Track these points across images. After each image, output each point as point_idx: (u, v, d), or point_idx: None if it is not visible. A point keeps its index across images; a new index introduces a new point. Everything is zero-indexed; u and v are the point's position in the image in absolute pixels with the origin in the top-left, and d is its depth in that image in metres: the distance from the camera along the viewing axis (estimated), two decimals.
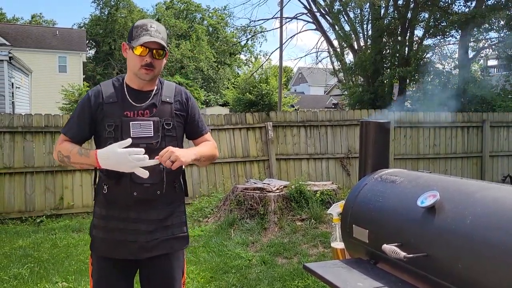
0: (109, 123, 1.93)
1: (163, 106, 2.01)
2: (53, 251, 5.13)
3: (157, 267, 2.02)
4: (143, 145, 1.88)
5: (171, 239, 2.02)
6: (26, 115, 6.93)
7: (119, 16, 39.42)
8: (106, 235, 1.97)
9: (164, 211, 2.00)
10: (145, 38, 1.89)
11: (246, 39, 33.64)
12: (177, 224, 2.05)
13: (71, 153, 1.93)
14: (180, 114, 2.06)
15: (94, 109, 1.96)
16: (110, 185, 1.95)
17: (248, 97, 21.08)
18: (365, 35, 15.88)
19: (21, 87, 17.82)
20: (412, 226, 1.51)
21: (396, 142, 8.71)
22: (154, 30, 1.92)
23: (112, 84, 2.02)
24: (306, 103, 32.25)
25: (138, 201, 1.93)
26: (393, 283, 1.53)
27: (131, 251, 1.95)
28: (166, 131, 1.98)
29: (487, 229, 1.26)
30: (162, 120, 1.98)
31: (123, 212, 1.95)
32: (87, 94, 2.01)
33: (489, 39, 14.71)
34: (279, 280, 4.14)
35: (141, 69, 1.93)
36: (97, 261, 2.02)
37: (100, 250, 1.99)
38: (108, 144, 1.87)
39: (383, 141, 2.09)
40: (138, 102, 1.98)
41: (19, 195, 6.73)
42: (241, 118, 8.22)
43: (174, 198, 2.05)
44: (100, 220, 2.00)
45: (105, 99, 1.96)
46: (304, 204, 5.90)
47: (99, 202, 2.01)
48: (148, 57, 1.91)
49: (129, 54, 1.96)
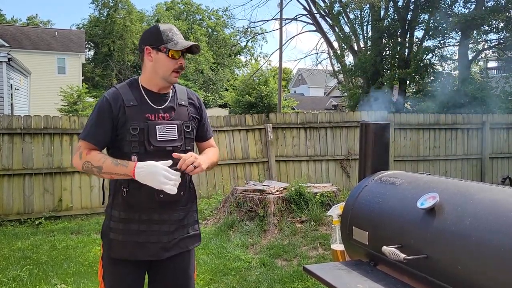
0: (133, 126, 1.92)
1: (180, 109, 2.04)
2: (52, 253, 5.12)
3: (173, 266, 2.05)
4: (169, 148, 1.94)
5: (186, 238, 2.07)
6: (25, 117, 6.92)
7: (118, 17, 39.42)
8: (126, 238, 1.96)
9: (183, 211, 2.05)
10: (184, 42, 1.94)
11: (246, 40, 33.68)
12: (191, 223, 2.10)
13: (104, 164, 1.89)
14: (195, 117, 2.11)
15: (116, 112, 1.94)
16: (131, 188, 1.93)
17: (247, 99, 21.12)
18: (365, 36, 15.91)
19: (20, 88, 17.81)
20: (412, 228, 1.50)
21: (396, 144, 8.71)
22: (179, 35, 1.99)
23: (128, 87, 2.02)
24: (306, 104, 32.26)
25: (162, 203, 1.95)
26: (393, 285, 1.53)
27: (152, 252, 1.97)
28: (186, 133, 2.02)
29: (486, 231, 1.25)
30: (182, 123, 2.02)
31: (144, 214, 1.96)
32: (104, 97, 1.97)
33: (489, 41, 14.75)
34: (279, 282, 4.13)
35: (173, 72, 1.97)
36: (112, 264, 2.00)
37: (120, 253, 1.97)
38: (132, 148, 1.91)
39: (383, 142, 2.09)
40: (157, 104, 2.00)
41: (18, 196, 6.71)
42: (240, 120, 8.22)
43: (189, 198, 2.09)
44: (119, 223, 1.97)
45: (126, 102, 1.95)
46: (304, 206, 5.89)
47: (117, 205, 1.98)
48: (181, 60, 1.97)
49: (159, 58, 1.96)
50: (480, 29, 12.93)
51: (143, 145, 1.91)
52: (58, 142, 6.95)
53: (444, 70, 15.22)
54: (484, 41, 14.55)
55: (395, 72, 14.26)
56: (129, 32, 39.48)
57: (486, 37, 14.14)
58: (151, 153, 1.91)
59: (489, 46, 14.97)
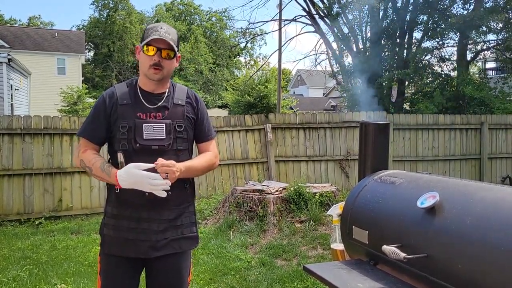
0: (122, 124, 1.97)
1: (175, 108, 2.06)
2: (52, 253, 5.12)
3: (165, 266, 2.05)
4: (155, 147, 1.96)
5: (180, 239, 2.06)
6: (25, 117, 6.92)
7: (118, 18, 39.41)
8: (117, 234, 2.00)
9: (175, 211, 2.05)
10: (154, 36, 1.94)
11: (246, 41, 33.64)
12: (186, 224, 2.10)
13: (93, 166, 1.97)
14: (191, 116, 2.11)
15: (109, 110, 2.01)
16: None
17: (247, 99, 21.09)
18: (363, 37, 15.91)
19: (20, 89, 17.80)
20: (412, 227, 1.51)
21: (394, 144, 8.72)
22: (164, 31, 1.98)
23: (126, 86, 2.07)
24: (305, 105, 32.25)
25: (149, 201, 1.97)
26: (393, 284, 1.53)
27: (141, 250, 1.99)
28: (177, 133, 2.03)
29: (486, 230, 1.26)
30: (174, 122, 2.03)
31: (135, 211, 1.99)
32: (101, 96, 2.06)
33: (487, 42, 14.77)
34: (278, 282, 4.14)
35: (150, 68, 1.98)
36: (105, 259, 2.05)
37: (110, 248, 2.02)
38: (121, 146, 1.95)
39: (382, 142, 2.09)
40: (151, 104, 2.03)
41: (18, 197, 6.71)
42: (240, 120, 8.23)
43: (184, 198, 2.09)
44: (111, 219, 2.03)
45: (119, 101, 2.01)
46: (303, 206, 5.90)
47: (110, 202, 2.05)
48: (156, 57, 1.96)
49: (140, 55, 2.02)
50: (479, 30, 12.94)
51: (131, 143, 1.95)
52: (58, 143, 6.95)
53: (442, 71, 15.23)
54: (482, 42, 14.57)
55: (394, 72, 14.27)
56: (129, 33, 39.48)
57: (485, 38, 14.16)
58: (137, 151, 1.95)
59: (488, 47, 14.99)
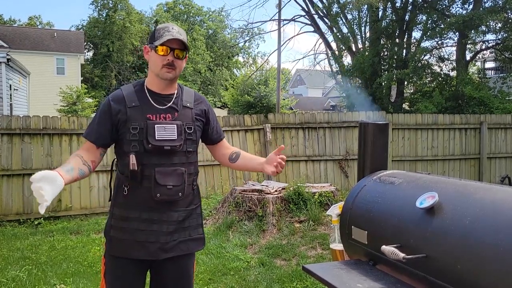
0: (133, 125, 1.97)
1: (184, 110, 2.07)
2: (51, 253, 5.11)
3: (173, 267, 2.06)
4: (167, 147, 1.97)
5: (188, 240, 2.07)
6: (24, 117, 6.91)
7: (117, 18, 39.34)
8: (126, 236, 1.99)
9: (184, 213, 2.05)
10: (168, 36, 1.95)
11: (244, 41, 33.60)
12: (194, 226, 2.11)
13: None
14: (200, 119, 2.13)
15: (114, 114, 1.99)
16: (131, 187, 1.97)
17: (246, 99, 21.10)
18: (363, 37, 15.94)
19: (19, 89, 17.79)
20: (411, 227, 1.51)
21: (394, 144, 8.72)
22: (175, 31, 1.99)
23: (133, 88, 2.07)
24: (304, 105, 32.26)
25: (160, 203, 1.97)
26: (392, 284, 1.53)
27: (150, 251, 1.99)
28: (187, 134, 2.04)
29: (485, 230, 1.26)
30: (184, 124, 2.04)
31: (144, 213, 1.98)
32: (107, 99, 2.04)
33: (487, 42, 14.79)
34: (278, 282, 4.14)
35: (162, 68, 1.98)
36: (112, 262, 2.03)
37: (118, 250, 2.01)
38: (132, 147, 1.95)
39: (382, 142, 2.09)
40: (160, 105, 2.03)
41: (17, 197, 6.71)
42: (239, 120, 8.23)
43: (192, 200, 2.10)
44: (119, 221, 2.01)
45: (128, 103, 2.00)
46: (303, 206, 5.90)
47: (118, 204, 2.03)
48: (170, 56, 1.97)
49: (151, 55, 2.02)
50: (478, 30, 12.96)
51: (142, 144, 1.95)
52: (57, 143, 6.95)
53: (442, 70, 15.25)
54: (481, 41, 14.59)
55: (393, 72, 14.29)
56: (128, 33, 39.41)
57: (484, 38, 14.18)
58: (150, 152, 1.95)
59: (487, 47, 15.01)
